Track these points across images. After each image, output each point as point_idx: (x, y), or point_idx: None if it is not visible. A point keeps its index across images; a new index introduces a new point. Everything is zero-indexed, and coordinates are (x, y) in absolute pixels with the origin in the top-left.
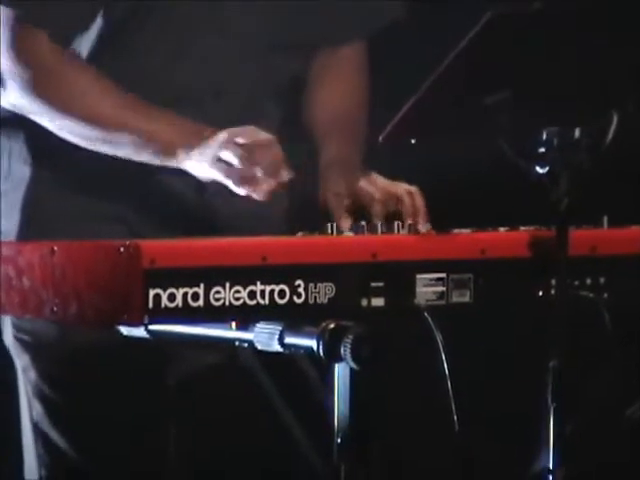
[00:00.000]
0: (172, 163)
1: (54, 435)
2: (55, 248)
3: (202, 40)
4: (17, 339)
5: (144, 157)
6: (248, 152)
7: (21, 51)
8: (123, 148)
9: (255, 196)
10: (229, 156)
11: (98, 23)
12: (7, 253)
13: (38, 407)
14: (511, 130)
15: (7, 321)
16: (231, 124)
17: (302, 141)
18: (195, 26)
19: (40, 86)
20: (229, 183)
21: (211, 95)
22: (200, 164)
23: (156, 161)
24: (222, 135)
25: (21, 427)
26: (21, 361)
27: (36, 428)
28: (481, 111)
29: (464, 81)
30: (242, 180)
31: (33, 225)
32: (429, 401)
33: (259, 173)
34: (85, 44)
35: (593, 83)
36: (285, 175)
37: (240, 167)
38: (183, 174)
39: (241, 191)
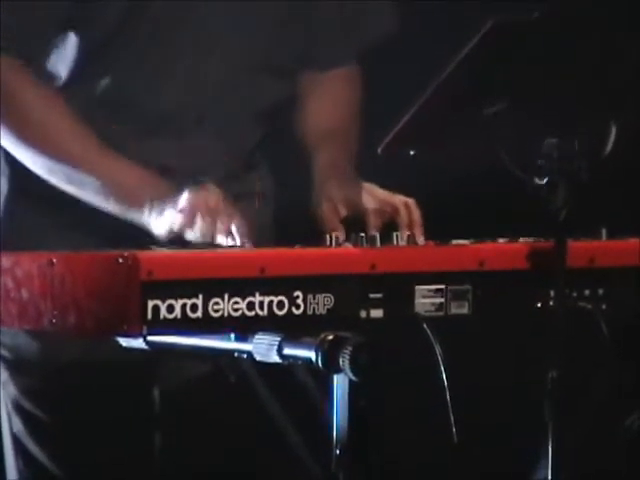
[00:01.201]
0: (135, 215)
1: (34, 449)
2: (54, 259)
3: (185, 63)
4: None
5: (106, 204)
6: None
7: None
8: (85, 192)
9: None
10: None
11: (74, 43)
12: (5, 264)
13: (17, 422)
14: (510, 140)
15: None
16: (213, 148)
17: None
18: (179, 48)
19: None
20: (190, 235)
21: (194, 118)
22: (160, 217)
23: (117, 209)
24: (184, 196)
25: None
26: (1, 376)
27: (16, 442)
28: (480, 122)
29: (464, 91)
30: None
31: (10, 237)
32: (428, 412)
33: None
34: (62, 65)
35: (592, 93)
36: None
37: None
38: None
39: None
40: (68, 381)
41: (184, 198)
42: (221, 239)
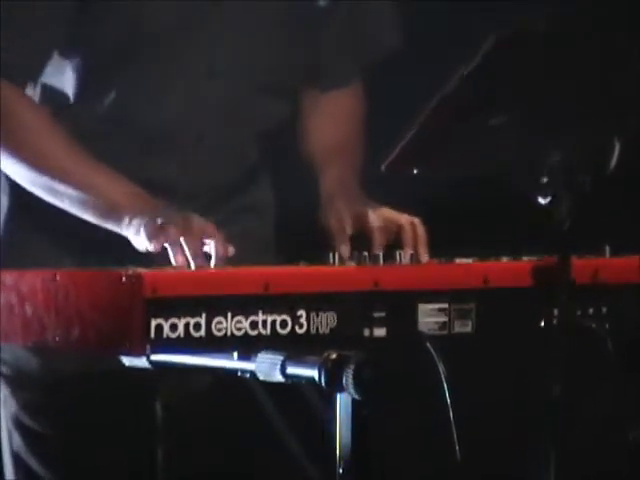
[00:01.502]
0: (113, 227)
1: (34, 465)
2: (57, 276)
3: (186, 81)
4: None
5: (87, 216)
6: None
7: None
8: (67, 201)
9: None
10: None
11: (75, 63)
12: (9, 280)
13: (17, 438)
14: (514, 156)
15: None
16: (212, 165)
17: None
18: (179, 66)
19: None
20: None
21: (193, 138)
22: (137, 234)
23: (98, 221)
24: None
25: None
26: (2, 392)
27: (17, 459)
28: (484, 138)
29: (467, 107)
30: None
31: (10, 254)
32: (431, 430)
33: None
34: (65, 85)
35: (595, 107)
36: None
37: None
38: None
39: (178, 259)
40: (68, 395)
41: (154, 227)
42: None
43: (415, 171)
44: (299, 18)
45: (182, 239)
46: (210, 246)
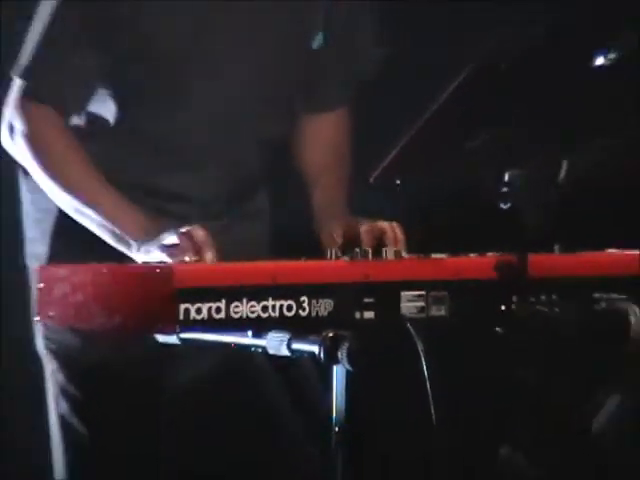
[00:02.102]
0: (125, 250)
1: (76, 424)
2: (104, 270)
3: (199, 101)
4: (48, 348)
5: (104, 237)
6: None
7: (25, 113)
8: (90, 224)
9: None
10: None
11: (103, 93)
12: (64, 273)
13: (63, 404)
14: (487, 171)
15: (39, 333)
16: (217, 175)
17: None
18: (193, 88)
19: (29, 142)
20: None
21: (207, 152)
22: (146, 255)
23: (114, 244)
24: (166, 235)
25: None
26: (51, 366)
27: (62, 420)
28: (461, 156)
29: (448, 126)
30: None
31: (61, 250)
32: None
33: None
34: (108, 111)
35: (547, 130)
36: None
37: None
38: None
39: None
40: (101, 371)
41: (171, 238)
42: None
43: (398, 182)
44: (297, 43)
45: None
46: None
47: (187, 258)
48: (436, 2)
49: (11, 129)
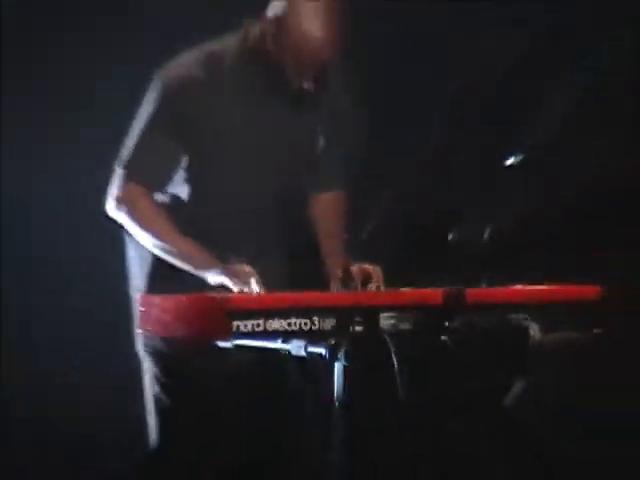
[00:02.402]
0: (198, 274)
1: (165, 401)
2: (184, 299)
3: (254, 174)
4: (145, 350)
5: (185, 267)
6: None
7: (124, 190)
8: (173, 259)
9: (246, 289)
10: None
11: (183, 175)
12: (157, 301)
13: (156, 387)
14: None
15: (139, 340)
16: (269, 229)
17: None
18: (250, 166)
19: (129, 211)
20: (229, 284)
21: (257, 212)
22: (211, 277)
23: (191, 270)
24: (221, 269)
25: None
26: (147, 362)
27: (155, 399)
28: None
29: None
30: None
31: (155, 285)
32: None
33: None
34: (182, 189)
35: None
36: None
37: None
38: None
39: (236, 288)
40: (181, 365)
41: (231, 269)
42: (248, 290)
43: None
44: (307, 144)
45: (237, 281)
46: (252, 284)
47: (240, 286)
48: None
49: (117, 203)
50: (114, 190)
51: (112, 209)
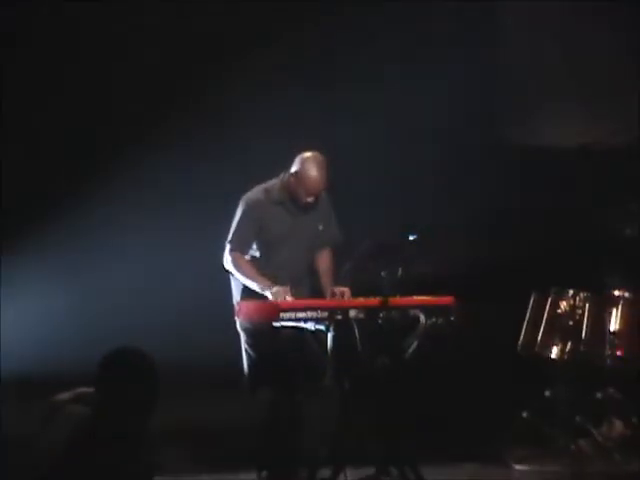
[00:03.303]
0: (263, 292)
1: (250, 353)
2: (253, 304)
3: (285, 249)
4: (240, 328)
5: (256, 288)
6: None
7: (230, 254)
8: (252, 284)
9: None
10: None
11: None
12: (245, 304)
13: (246, 346)
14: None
15: (238, 323)
16: (288, 273)
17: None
18: (285, 246)
19: (232, 264)
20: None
21: (288, 265)
22: (268, 293)
23: (259, 290)
24: (275, 289)
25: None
26: (242, 337)
27: (246, 353)
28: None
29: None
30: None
31: (244, 296)
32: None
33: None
34: (257, 252)
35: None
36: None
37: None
38: None
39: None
40: (257, 335)
41: (278, 289)
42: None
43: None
44: (316, 230)
45: (279, 296)
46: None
47: (281, 298)
48: None
49: (228, 259)
50: (226, 254)
51: (226, 263)
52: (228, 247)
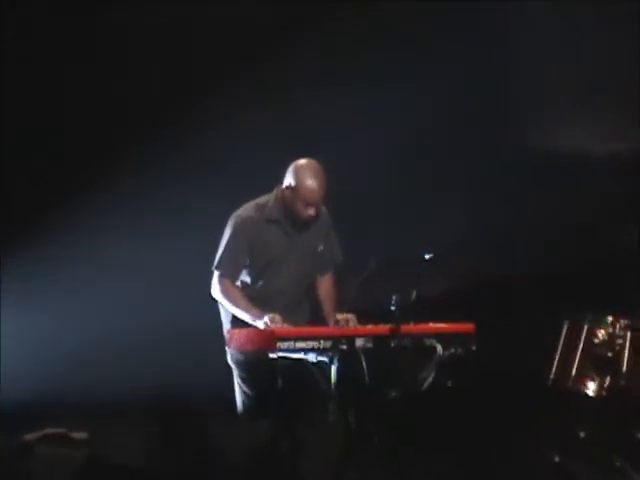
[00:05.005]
0: (254, 324)
1: (243, 388)
2: (252, 332)
3: (276, 278)
4: (231, 360)
5: (246, 318)
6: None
7: (219, 282)
8: (241, 314)
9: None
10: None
11: (247, 271)
12: (234, 332)
13: (238, 380)
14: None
15: (228, 354)
16: (288, 300)
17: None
18: (280, 272)
19: (221, 293)
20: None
21: (286, 292)
22: (259, 323)
23: (249, 320)
24: (266, 317)
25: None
26: (234, 370)
27: (240, 389)
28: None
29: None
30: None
31: (233, 325)
32: None
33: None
34: (247, 278)
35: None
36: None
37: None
38: None
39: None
40: (250, 365)
41: (268, 318)
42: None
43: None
44: (315, 253)
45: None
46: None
47: (275, 325)
48: None
49: (216, 288)
50: (214, 281)
51: (214, 292)
52: (217, 273)
